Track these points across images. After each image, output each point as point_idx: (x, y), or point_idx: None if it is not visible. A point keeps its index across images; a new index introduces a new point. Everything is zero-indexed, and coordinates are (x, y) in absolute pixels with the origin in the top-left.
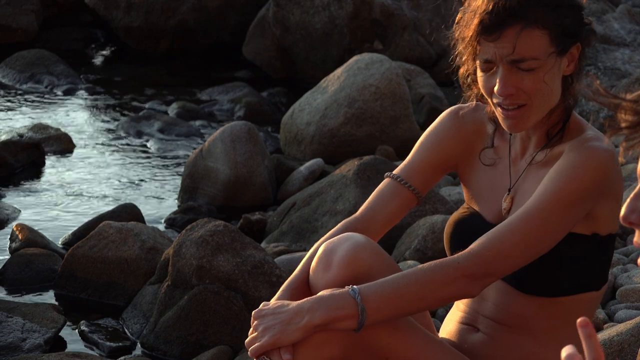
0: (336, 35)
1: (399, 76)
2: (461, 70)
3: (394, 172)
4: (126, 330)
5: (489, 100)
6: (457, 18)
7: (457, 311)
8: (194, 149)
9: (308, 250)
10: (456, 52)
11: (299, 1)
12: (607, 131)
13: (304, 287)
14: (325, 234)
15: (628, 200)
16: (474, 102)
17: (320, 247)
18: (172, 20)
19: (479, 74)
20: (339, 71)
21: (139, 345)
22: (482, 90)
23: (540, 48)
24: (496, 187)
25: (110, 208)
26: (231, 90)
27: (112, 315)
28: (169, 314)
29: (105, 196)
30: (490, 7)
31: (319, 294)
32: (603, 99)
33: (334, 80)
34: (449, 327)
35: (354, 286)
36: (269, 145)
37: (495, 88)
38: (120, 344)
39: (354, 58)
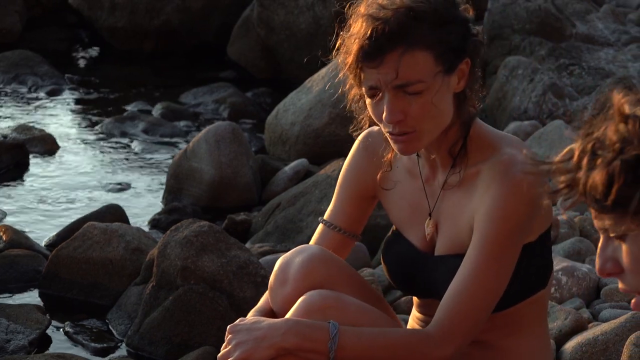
0: (321, 36)
1: None
2: (351, 94)
3: (325, 216)
4: (111, 331)
5: (380, 126)
6: (337, 43)
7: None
8: (179, 149)
9: (298, 247)
10: (341, 76)
11: (283, 1)
12: (548, 200)
13: (272, 313)
14: (309, 234)
15: (598, 254)
16: (368, 124)
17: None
18: (157, 21)
19: (367, 101)
20: (323, 71)
21: (124, 346)
22: (372, 117)
23: (425, 69)
24: (416, 211)
25: (94, 209)
26: (215, 91)
27: (97, 316)
28: (154, 315)
29: (89, 197)
30: (369, 32)
31: (296, 317)
32: (533, 169)
33: (319, 80)
34: None
35: (337, 330)
36: (253, 145)
37: (383, 115)
38: (105, 344)
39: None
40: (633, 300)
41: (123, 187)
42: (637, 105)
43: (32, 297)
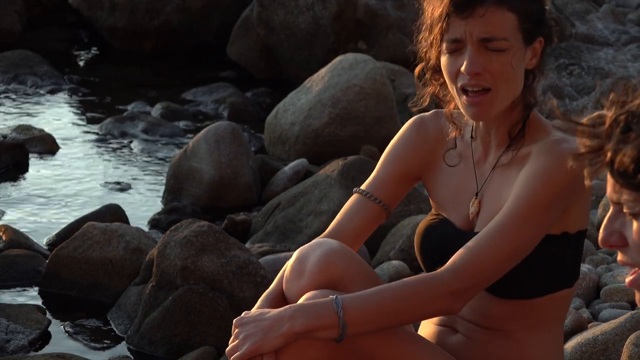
0: (320, 36)
1: (383, 76)
2: (418, 68)
3: (362, 187)
4: (111, 331)
5: (452, 86)
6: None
7: (433, 325)
8: (178, 149)
9: (293, 251)
10: (419, 44)
11: (283, 1)
12: (570, 160)
13: (282, 298)
14: (309, 234)
15: (604, 224)
16: (425, 104)
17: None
18: (156, 21)
19: (444, 59)
20: (323, 71)
21: (124, 345)
22: (447, 76)
23: (510, 29)
24: (462, 192)
25: (94, 209)
26: (215, 91)
27: (96, 315)
28: (154, 315)
29: (89, 197)
30: None
31: (301, 301)
32: (561, 123)
33: (318, 80)
34: (427, 329)
35: (338, 296)
36: (253, 145)
37: (463, 67)
38: (105, 344)
39: (338, 58)
40: (631, 278)
41: (123, 187)
42: None
43: (32, 297)
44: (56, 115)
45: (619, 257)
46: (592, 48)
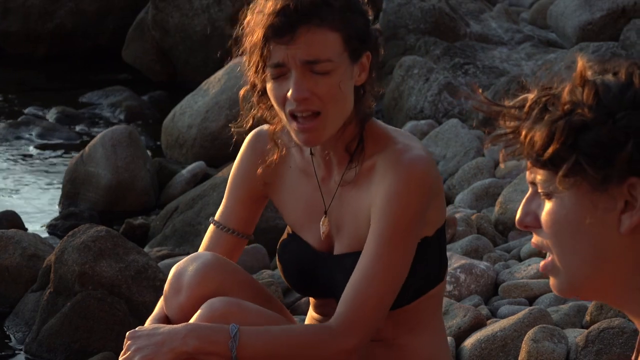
0: (216, 38)
1: None
2: (241, 92)
3: (216, 216)
4: (8, 339)
5: (281, 112)
6: (244, 22)
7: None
8: (75, 154)
9: (192, 254)
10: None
11: (178, 4)
12: (487, 140)
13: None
14: None
15: (522, 205)
16: (251, 124)
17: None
18: (50, 24)
19: (270, 84)
20: (219, 73)
21: (22, 353)
22: (274, 102)
23: (334, 50)
24: (312, 210)
25: None
26: (111, 94)
27: None
28: (52, 321)
29: None
30: (279, 7)
31: (197, 322)
32: (485, 107)
33: (215, 82)
34: None
35: (238, 329)
36: (150, 149)
37: (289, 93)
38: (3, 352)
39: (235, 60)
40: (543, 263)
41: (18, 193)
42: (600, 74)
43: None
44: None
45: (533, 239)
46: (486, 47)
